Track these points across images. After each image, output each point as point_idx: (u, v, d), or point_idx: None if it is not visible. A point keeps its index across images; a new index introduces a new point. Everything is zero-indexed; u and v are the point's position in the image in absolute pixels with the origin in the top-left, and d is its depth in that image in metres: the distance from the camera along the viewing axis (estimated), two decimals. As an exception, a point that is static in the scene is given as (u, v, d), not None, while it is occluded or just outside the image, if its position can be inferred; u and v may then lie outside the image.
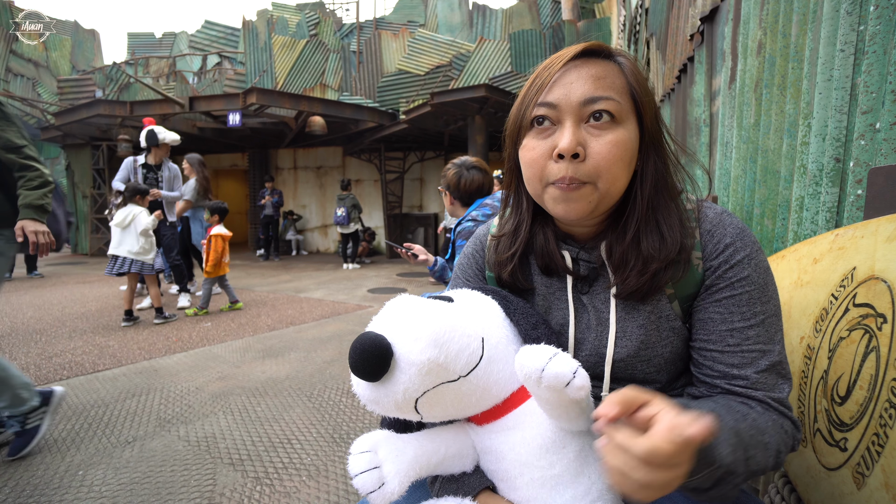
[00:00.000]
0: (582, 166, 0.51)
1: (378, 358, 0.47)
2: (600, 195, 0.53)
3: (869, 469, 0.53)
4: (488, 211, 1.68)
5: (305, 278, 6.32)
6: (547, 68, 0.55)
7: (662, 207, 0.56)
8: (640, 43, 3.64)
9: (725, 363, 0.53)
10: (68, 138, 8.93)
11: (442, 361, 0.49)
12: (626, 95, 0.53)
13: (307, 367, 2.69)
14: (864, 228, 0.61)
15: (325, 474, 1.60)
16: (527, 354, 0.48)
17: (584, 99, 0.52)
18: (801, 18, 0.93)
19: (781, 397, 0.51)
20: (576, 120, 0.52)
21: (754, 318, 0.52)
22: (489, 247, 0.69)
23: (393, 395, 0.49)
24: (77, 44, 13.76)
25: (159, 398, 2.25)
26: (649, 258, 0.54)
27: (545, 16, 8.85)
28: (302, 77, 8.88)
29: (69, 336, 3.36)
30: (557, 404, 0.48)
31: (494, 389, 0.54)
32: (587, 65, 0.53)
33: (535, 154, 0.54)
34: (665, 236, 0.54)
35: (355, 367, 0.48)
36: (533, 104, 0.54)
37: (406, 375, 0.48)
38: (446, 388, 0.50)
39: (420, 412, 0.51)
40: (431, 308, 0.52)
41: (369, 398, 0.51)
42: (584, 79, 0.52)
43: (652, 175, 0.55)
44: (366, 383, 0.50)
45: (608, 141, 0.51)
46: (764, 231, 1.08)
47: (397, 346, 0.48)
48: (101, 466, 1.63)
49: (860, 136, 0.71)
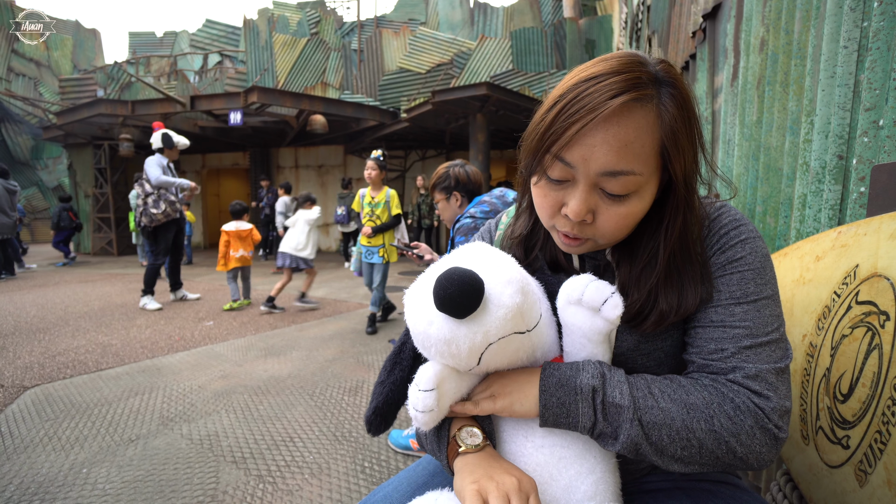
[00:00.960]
0: (587, 227, 0.52)
1: (474, 293, 0.47)
2: (604, 246, 0.56)
3: (871, 466, 0.53)
4: (486, 208, 1.68)
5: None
6: (579, 107, 0.47)
7: (684, 260, 0.53)
8: (642, 40, 3.63)
9: (705, 337, 0.52)
10: (70, 138, 8.94)
11: (525, 309, 0.50)
12: (653, 157, 0.49)
13: (309, 366, 2.70)
14: (867, 226, 0.61)
15: (327, 472, 1.60)
16: (570, 281, 0.52)
17: (603, 171, 0.48)
18: (804, 15, 0.92)
19: (756, 372, 0.48)
20: (590, 185, 0.50)
21: (744, 298, 0.50)
22: (499, 244, 0.70)
23: (472, 336, 0.48)
24: (78, 43, 13.79)
25: (162, 396, 2.26)
26: (665, 315, 0.52)
27: (546, 13, 8.83)
28: (303, 76, 8.88)
29: (72, 335, 3.37)
30: (589, 332, 0.51)
31: (539, 352, 0.55)
32: (621, 122, 0.46)
33: (545, 202, 0.54)
34: (685, 293, 0.52)
35: (448, 300, 0.47)
36: (551, 153, 0.49)
37: (493, 317, 0.48)
38: (516, 338, 0.51)
39: (483, 361, 0.51)
40: (509, 257, 0.54)
41: (445, 337, 0.49)
42: (609, 145, 0.47)
43: (679, 229, 0.53)
44: (447, 320, 0.49)
45: (618, 213, 0.50)
46: (766, 229, 1.07)
47: (491, 286, 0.49)
48: (105, 464, 1.64)
49: (863, 133, 0.70)
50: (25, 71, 12.60)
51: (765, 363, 0.49)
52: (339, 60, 9.01)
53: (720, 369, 0.50)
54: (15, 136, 12.48)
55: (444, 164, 1.88)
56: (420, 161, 9.68)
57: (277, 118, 7.63)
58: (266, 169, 10.21)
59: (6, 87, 12.03)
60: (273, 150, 10.39)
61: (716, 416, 0.47)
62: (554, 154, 0.49)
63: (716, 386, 0.49)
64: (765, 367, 0.48)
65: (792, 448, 0.71)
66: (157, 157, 4.17)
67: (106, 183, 9.08)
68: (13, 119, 12.37)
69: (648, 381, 0.51)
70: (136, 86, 9.10)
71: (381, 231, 3.33)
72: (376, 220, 3.35)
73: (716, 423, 0.47)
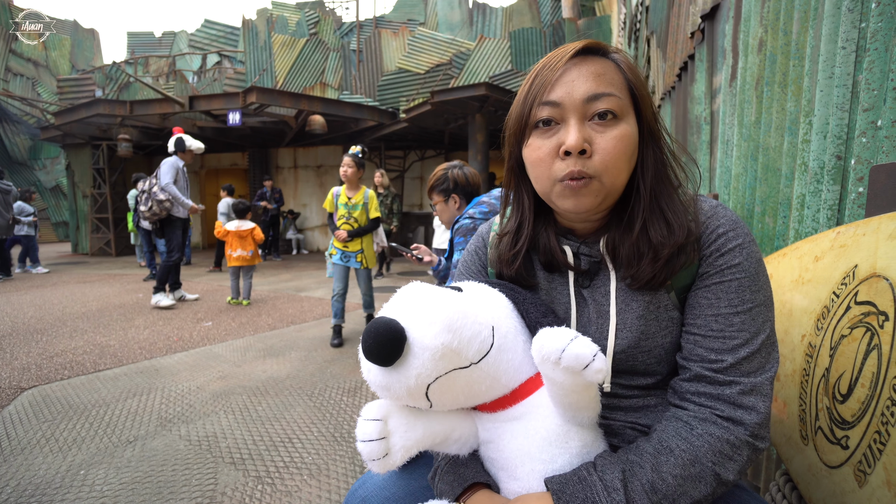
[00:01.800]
0: (589, 162, 0.53)
1: (392, 342, 0.47)
2: (606, 190, 0.54)
3: (871, 467, 0.53)
4: (485, 209, 1.68)
5: (306, 277, 6.32)
6: (547, 67, 0.55)
7: (665, 196, 0.57)
8: (641, 41, 3.63)
9: (706, 347, 0.53)
10: (68, 138, 8.92)
11: (455, 347, 0.49)
12: (624, 91, 0.55)
13: (308, 367, 2.69)
14: (866, 226, 0.61)
15: (326, 473, 1.60)
16: (547, 336, 0.47)
17: (588, 96, 0.53)
18: (803, 16, 0.92)
19: (751, 388, 0.51)
20: (579, 117, 0.53)
21: (742, 306, 0.52)
22: (492, 244, 0.70)
23: (405, 380, 0.49)
24: (77, 43, 13.76)
25: (160, 397, 2.25)
26: (660, 245, 0.54)
27: (545, 14, 8.83)
28: (302, 76, 8.87)
29: (70, 335, 3.36)
30: (571, 390, 0.48)
31: (504, 379, 0.54)
32: (586, 62, 0.54)
33: (540, 153, 0.55)
34: (671, 223, 0.55)
35: (369, 352, 0.48)
36: (536, 103, 0.55)
37: (419, 360, 0.48)
38: (458, 374, 0.50)
39: (431, 399, 0.51)
40: (444, 294, 0.52)
41: (381, 384, 0.51)
42: (585, 76, 0.53)
43: (652, 166, 0.57)
44: (378, 369, 0.50)
45: (613, 136, 0.52)
46: (765, 229, 1.07)
47: (411, 330, 0.48)
48: (103, 466, 1.63)
49: (862, 133, 0.70)
50: (23, 71, 12.56)
51: (758, 374, 0.51)
52: (337, 61, 9.00)
53: (717, 381, 0.52)
54: (13, 137, 12.45)
55: (442, 166, 1.86)
56: (419, 161, 9.68)
57: (276, 118, 7.62)
58: (265, 169, 10.20)
59: (4, 87, 11.99)
60: (272, 150, 10.38)
61: (718, 463, 0.49)
62: (540, 102, 0.54)
63: (711, 432, 0.50)
64: (759, 380, 0.51)
65: (791, 448, 0.71)
66: (173, 158, 4.21)
67: (104, 183, 9.06)
68: (11, 119, 12.34)
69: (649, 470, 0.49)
70: (135, 86, 9.08)
71: (357, 235, 3.14)
72: (353, 223, 3.15)
73: (720, 470, 0.49)
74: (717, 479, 0.49)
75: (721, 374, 0.51)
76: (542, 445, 0.53)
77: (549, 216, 0.64)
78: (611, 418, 0.61)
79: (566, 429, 0.53)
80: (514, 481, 0.54)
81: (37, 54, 12.82)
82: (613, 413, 0.61)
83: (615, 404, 0.61)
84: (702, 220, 0.56)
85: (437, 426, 0.57)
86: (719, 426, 0.50)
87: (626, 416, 0.61)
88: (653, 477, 0.48)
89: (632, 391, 0.61)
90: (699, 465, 0.49)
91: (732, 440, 0.49)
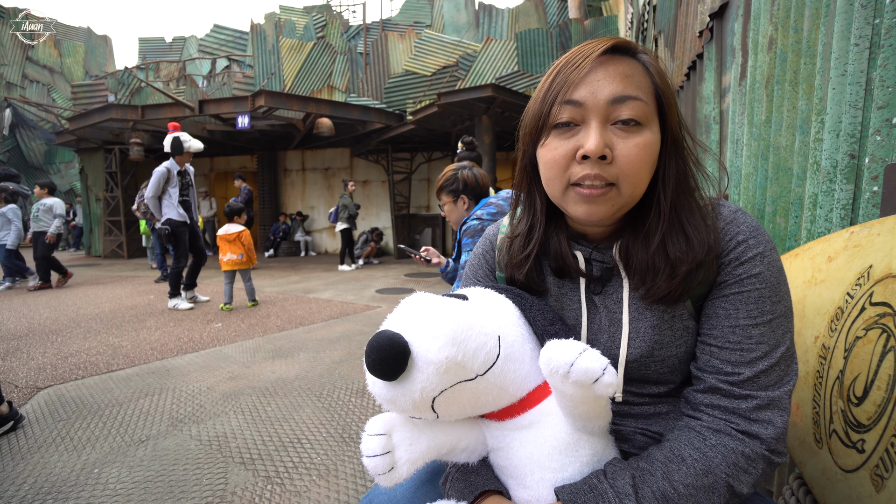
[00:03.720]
0: (608, 168, 0.50)
1: (396, 357, 0.47)
2: (624, 200, 0.52)
3: (888, 471, 0.52)
4: (493, 210, 1.67)
5: (314, 279, 6.36)
6: (571, 64, 0.52)
7: (686, 209, 0.54)
8: (648, 40, 3.61)
9: (722, 359, 0.51)
10: (82, 142, 9.09)
11: (460, 360, 0.48)
12: (651, 96, 0.52)
13: (316, 368, 2.71)
14: (881, 226, 0.60)
15: (334, 474, 1.61)
16: (555, 348, 0.45)
17: (613, 98, 0.50)
18: (814, 13, 0.91)
19: (768, 402, 0.49)
20: (602, 120, 0.50)
21: (761, 317, 0.50)
22: (501, 248, 0.68)
23: (410, 394, 0.49)
24: (90, 49, 14.03)
25: (171, 398, 2.28)
26: (678, 261, 0.52)
27: (552, 15, 8.81)
28: (309, 79, 8.95)
29: (84, 336, 3.42)
30: (580, 402, 0.47)
31: (511, 388, 0.53)
32: (613, 62, 0.51)
33: (557, 154, 0.52)
34: (691, 238, 0.52)
35: (372, 367, 0.48)
36: (557, 102, 0.52)
37: (424, 374, 0.48)
38: (463, 386, 0.50)
39: (437, 411, 0.51)
40: (448, 305, 0.51)
41: (386, 398, 0.50)
42: (611, 77, 0.50)
43: (674, 177, 0.54)
44: (382, 383, 0.49)
45: (635, 143, 0.50)
46: (776, 229, 1.06)
47: (415, 344, 0.48)
48: (116, 465, 1.66)
49: (876, 131, 0.69)
50: (39, 77, 12.84)
51: (776, 388, 0.49)
52: (345, 64, 9.07)
53: (733, 394, 0.50)
54: (29, 142, 12.72)
55: (452, 166, 1.86)
56: (426, 163, 9.70)
57: (284, 121, 7.69)
58: (273, 171, 10.29)
59: (21, 93, 12.27)
60: (280, 153, 10.47)
61: (732, 475, 0.48)
62: (561, 101, 0.51)
63: (725, 443, 0.49)
64: (777, 394, 0.49)
65: (805, 452, 0.70)
66: (163, 168, 4.16)
67: (116, 187, 9.22)
68: (28, 125, 12.62)
69: (660, 478, 0.48)
70: (146, 91, 9.24)
71: None
72: None
73: (733, 482, 0.48)
74: (730, 490, 0.48)
75: (737, 388, 0.50)
76: (552, 454, 0.52)
77: (560, 219, 0.62)
78: (621, 424, 0.60)
79: (576, 437, 0.52)
80: (523, 490, 0.54)
81: (52, 61, 13.10)
82: (624, 420, 0.60)
83: (626, 411, 0.60)
84: (721, 227, 0.54)
85: (442, 437, 0.56)
86: (734, 438, 0.49)
87: (637, 423, 0.60)
88: (664, 485, 0.47)
89: (643, 399, 0.60)
90: (712, 475, 0.48)
91: (748, 453, 0.48)
